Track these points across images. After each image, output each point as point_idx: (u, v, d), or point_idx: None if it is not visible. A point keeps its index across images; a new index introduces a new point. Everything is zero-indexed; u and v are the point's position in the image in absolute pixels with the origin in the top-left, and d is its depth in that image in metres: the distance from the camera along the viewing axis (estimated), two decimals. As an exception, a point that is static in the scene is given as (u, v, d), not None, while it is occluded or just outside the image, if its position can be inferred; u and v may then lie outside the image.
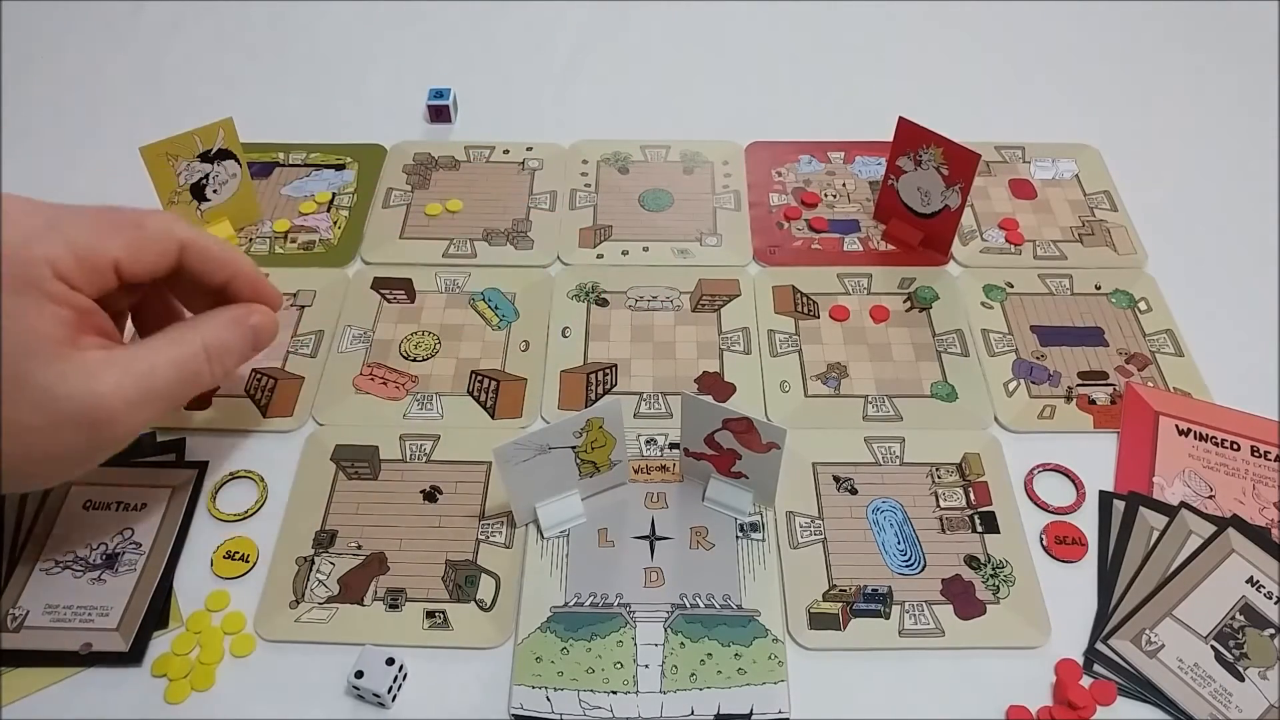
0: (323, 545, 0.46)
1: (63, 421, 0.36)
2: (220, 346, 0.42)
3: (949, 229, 0.58)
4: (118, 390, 0.37)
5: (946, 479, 0.49)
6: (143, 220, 0.40)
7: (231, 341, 0.43)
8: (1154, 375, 0.53)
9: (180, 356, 0.40)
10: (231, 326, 0.43)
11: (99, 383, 0.36)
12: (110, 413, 0.37)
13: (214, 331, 0.42)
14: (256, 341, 0.44)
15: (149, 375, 0.38)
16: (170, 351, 0.40)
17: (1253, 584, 0.44)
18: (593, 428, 0.44)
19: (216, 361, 0.42)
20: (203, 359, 0.41)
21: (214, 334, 0.42)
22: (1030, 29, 0.77)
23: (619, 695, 0.41)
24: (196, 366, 0.41)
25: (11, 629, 0.43)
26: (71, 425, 0.36)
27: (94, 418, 0.36)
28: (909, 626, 0.44)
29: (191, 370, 0.40)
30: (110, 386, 0.37)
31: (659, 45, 0.76)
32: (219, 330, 0.42)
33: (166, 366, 0.39)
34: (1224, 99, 0.71)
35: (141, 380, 0.38)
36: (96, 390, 0.36)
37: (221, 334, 0.42)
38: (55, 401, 0.36)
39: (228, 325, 0.43)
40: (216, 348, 0.42)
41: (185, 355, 0.40)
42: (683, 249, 0.60)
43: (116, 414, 0.37)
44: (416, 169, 0.65)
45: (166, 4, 0.79)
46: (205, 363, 0.41)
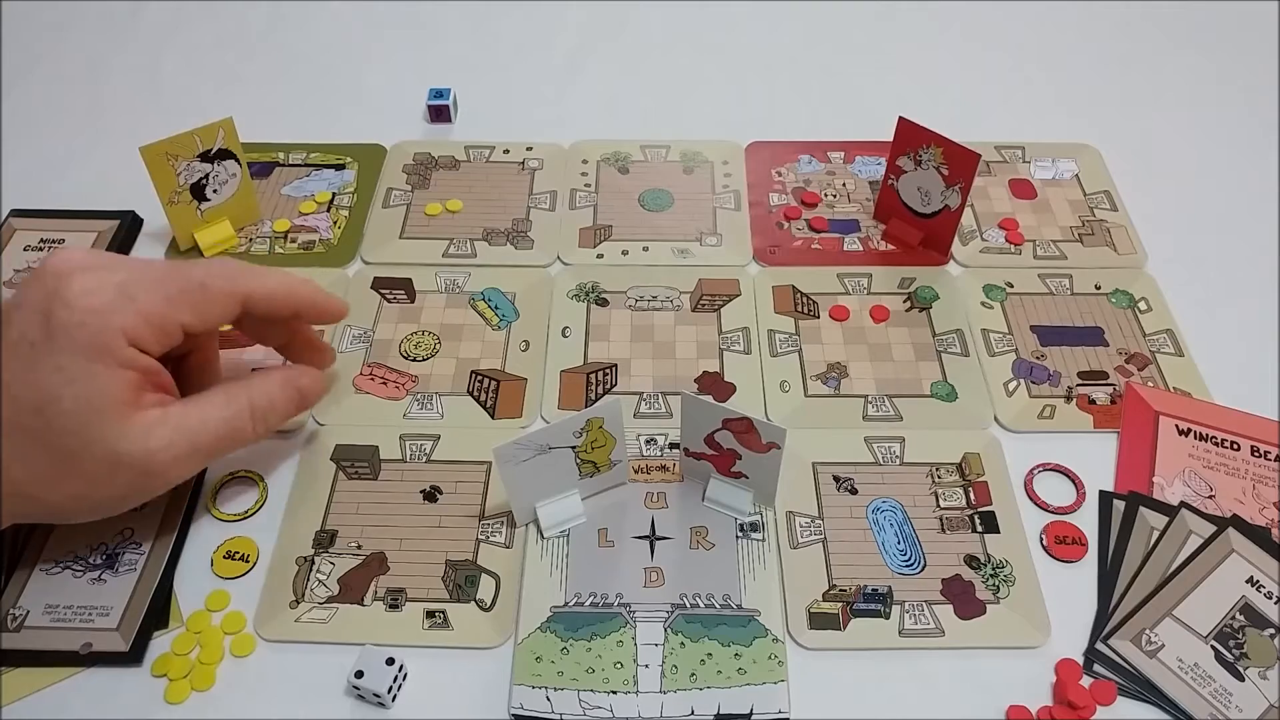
0: (323, 545, 0.46)
1: (119, 471, 0.40)
2: (266, 407, 0.44)
3: (949, 229, 0.58)
4: (169, 448, 0.41)
5: (946, 479, 0.49)
6: (206, 281, 0.42)
7: (278, 402, 0.45)
8: (1154, 375, 0.53)
9: (227, 416, 0.43)
10: (280, 388, 0.45)
11: (153, 440, 0.40)
12: (161, 466, 0.41)
13: (262, 392, 0.44)
14: (303, 402, 0.47)
15: (197, 434, 0.42)
16: (218, 412, 0.43)
17: (1253, 584, 0.44)
18: (593, 428, 0.44)
19: (260, 421, 0.44)
20: (247, 418, 0.44)
21: (262, 394, 0.44)
22: (1030, 29, 0.77)
23: (619, 695, 0.41)
24: (240, 424, 0.43)
25: (11, 629, 0.43)
26: (126, 474, 0.40)
27: (146, 469, 0.40)
28: (909, 626, 0.44)
29: (235, 428, 0.43)
30: (163, 444, 0.40)
31: (659, 45, 0.76)
32: (267, 391, 0.45)
33: (214, 425, 0.42)
34: (1224, 99, 0.71)
35: (190, 438, 0.41)
36: (150, 448, 0.40)
37: (269, 394, 0.45)
38: (116, 455, 0.39)
39: (278, 386, 0.45)
40: (263, 408, 0.44)
41: (231, 415, 0.43)
42: (683, 249, 0.60)
43: (166, 468, 0.41)
44: (416, 169, 0.65)
45: (166, 4, 0.79)
46: (249, 421, 0.44)
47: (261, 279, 0.44)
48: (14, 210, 0.62)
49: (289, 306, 0.45)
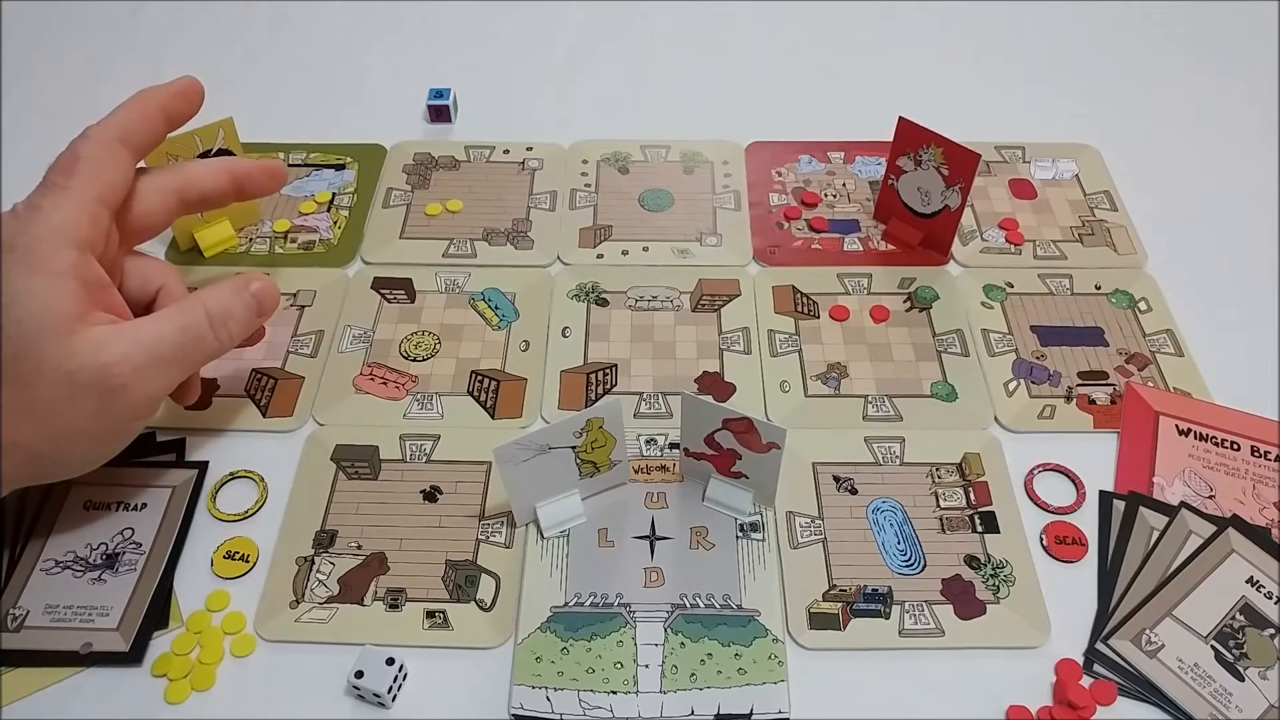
0: (323, 545, 0.46)
1: (78, 393, 0.39)
2: (222, 311, 0.44)
3: (949, 229, 0.58)
4: (125, 359, 0.40)
5: (946, 479, 0.49)
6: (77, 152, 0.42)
7: (234, 307, 0.44)
8: (1154, 375, 0.53)
9: (184, 323, 0.42)
10: (234, 294, 0.45)
11: (107, 353, 0.39)
12: (121, 379, 0.40)
13: (216, 298, 0.44)
14: (260, 308, 0.46)
15: (155, 343, 0.41)
16: (174, 320, 0.42)
17: (1253, 584, 0.44)
18: (593, 428, 0.44)
19: (220, 326, 0.44)
20: (205, 324, 0.43)
21: (216, 300, 0.44)
22: (1030, 29, 0.77)
23: (619, 695, 0.41)
24: (200, 331, 0.43)
25: (11, 629, 0.43)
26: (86, 395, 0.39)
27: (106, 385, 0.39)
28: (909, 626, 0.44)
29: (195, 334, 0.43)
30: (118, 356, 0.39)
31: (659, 45, 0.76)
32: (221, 297, 0.44)
33: (171, 333, 0.42)
34: (1224, 99, 0.71)
35: (148, 348, 0.41)
36: (104, 361, 0.39)
37: (223, 300, 0.44)
38: (70, 375, 0.39)
39: (230, 293, 0.45)
40: (219, 313, 0.44)
41: (188, 322, 0.42)
42: (683, 249, 0.60)
43: (127, 380, 0.40)
44: (416, 169, 0.65)
45: (166, 4, 0.79)
46: (209, 327, 0.43)
47: (116, 115, 0.44)
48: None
49: (156, 117, 0.45)
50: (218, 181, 0.47)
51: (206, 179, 0.47)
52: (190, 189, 0.47)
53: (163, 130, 0.46)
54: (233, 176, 0.48)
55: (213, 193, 0.48)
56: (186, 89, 0.47)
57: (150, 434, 0.50)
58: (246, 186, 0.49)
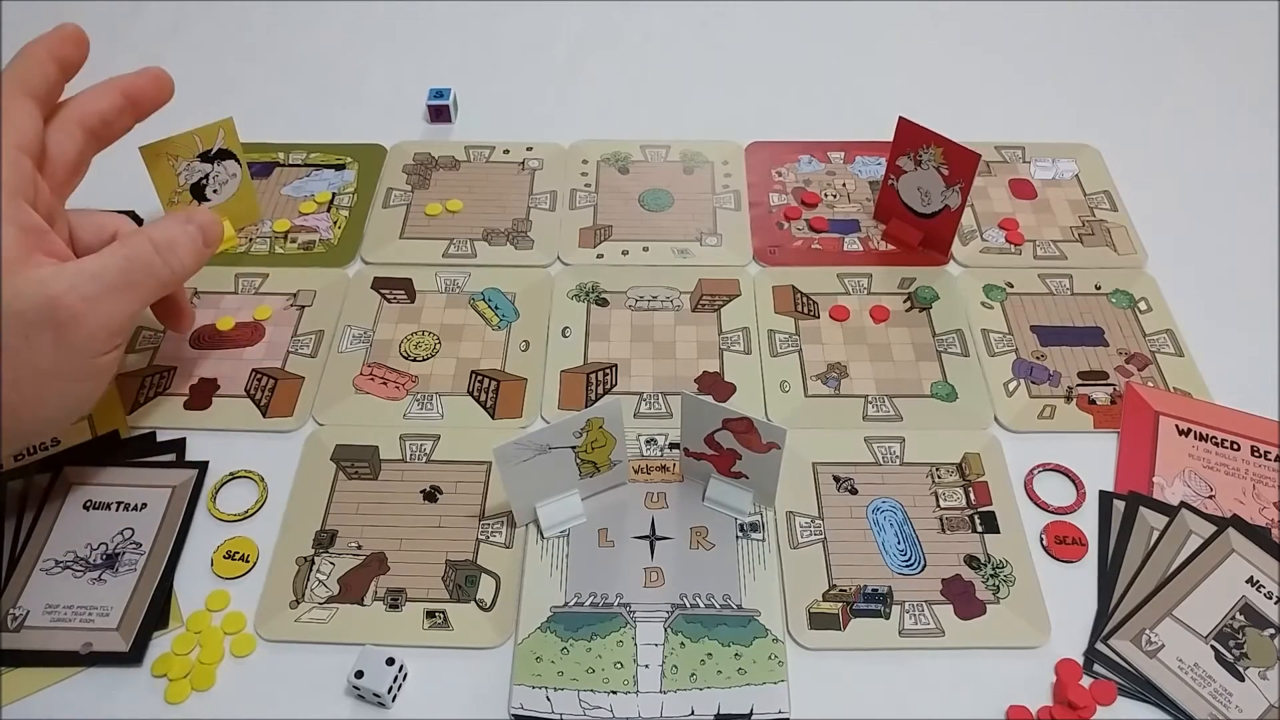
0: (323, 545, 0.46)
1: (31, 330, 0.39)
2: (167, 240, 0.44)
3: (949, 229, 0.58)
4: (72, 289, 0.40)
5: (946, 479, 0.49)
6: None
7: (177, 235, 0.45)
8: (1154, 375, 0.53)
9: (128, 252, 0.43)
10: (176, 224, 0.46)
11: (51, 287, 0.40)
12: (70, 309, 0.40)
13: (159, 228, 0.45)
14: (205, 237, 0.47)
15: (101, 272, 0.41)
16: (118, 250, 0.43)
17: (1253, 584, 0.44)
18: (593, 428, 0.44)
19: (167, 252, 0.44)
20: (151, 250, 0.43)
21: (159, 230, 0.45)
22: (1030, 29, 0.77)
23: (619, 695, 0.41)
24: (146, 258, 0.43)
25: (11, 629, 0.43)
26: (39, 331, 0.40)
27: (57, 318, 0.40)
28: (909, 626, 0.44)
29: (142, 262, 0.43)
30: (64, 287, 0.40)
31: (659, 45, 0.76)
32: (164, 227, 0.45)
33: (116, 262, 0.42)
34: (1224, 99, 0.71)
35: (94, 276, 0.41)
36: (50, 293, 0.39)
37: (167, 229, 0.45)
38: (19, 315, 0.39)
39: (173, 223, 0.46)
40: (164, 241, 0.44)
41: (132, 250, 0.43)
42: (683, 249, 0.60)
43: (77, 309, 0.40)
44: (416, 169, 0.65)
45: (166, 4, 0.79)
46: (154, 254, 0.44)
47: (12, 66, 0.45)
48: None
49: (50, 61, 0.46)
50: (109, 99, 0.47)
51: (97, 100, 0.47)
52: (89, 116, 0.47)
53: (58, 76, 0.46)
54: (120, 91, 0.48)
55: (110, 111, 0.47)
56: (68, 34, 0.48)
57: (150, 434, 0.50)
58: (139, 99, 0.48)
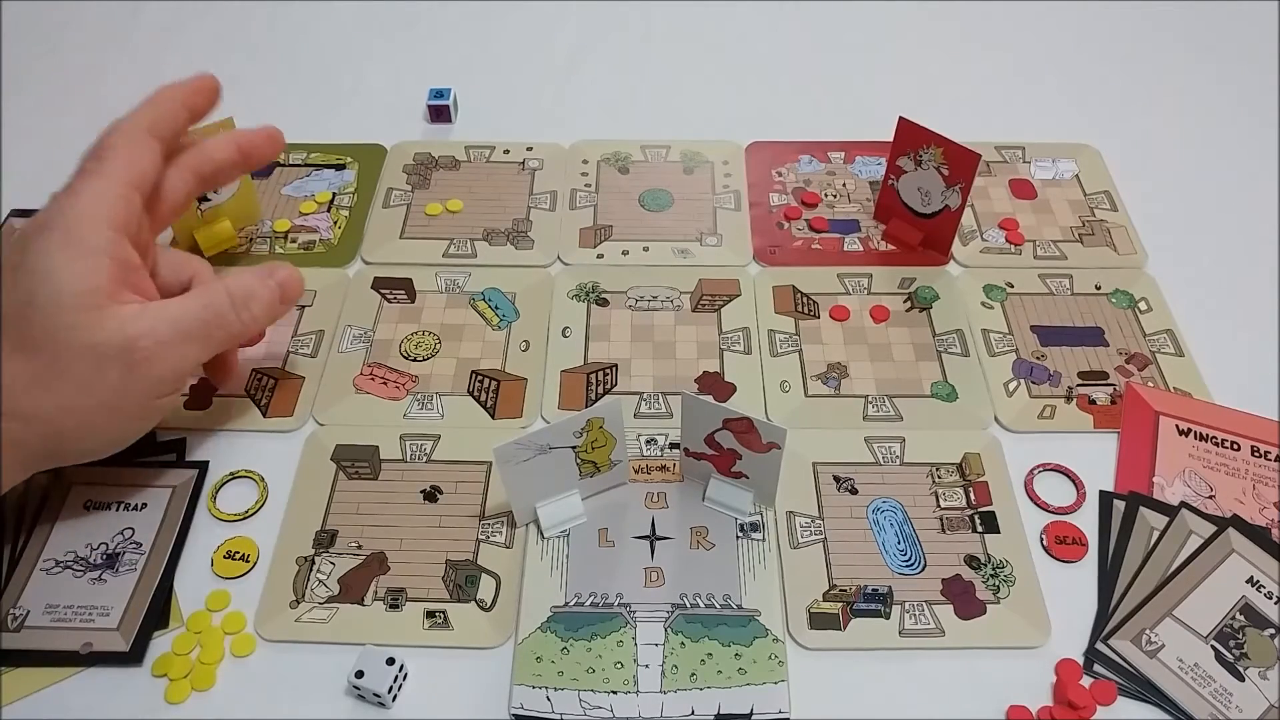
0: (323, 545, 0.46)
1: (103, 364, 0.41)
2: (245, 293, 0.45)
3: (949, 229, 0.58)
4: (150, 333, 0.41)
5: (946, 479, 0.49)
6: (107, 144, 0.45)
7: (257, 290, 0.46)
8: (1154, 375, 0.53)
9: (206, 301, 0.44)
10: (258, 278, 0.46)
11: (132, 327, 0.41)
12: (145, 352, 0.41)
13: (239, 280, 0.46)
14: (284, 294, 0.47)
15: (179, 318, 0.43)
16: (197, 298, 0.44)
17: (1253, 584, 0.44)
18: (593, 428, 0.44)
19: (242, 307, 0.45)
20: (227, 302, 0.45)
21: (239, 282, 0.45)
22: (1030, 29, 0.77)
23: (619, 695, 0.41)
24: (221, 308, 0.44)
25: (11, 629, 0.43)
26: (111, 366, 0.41)
27: (131, 358, 0.41)
28: (909, 626, 0.44)
29: (217, 311, 0.44)
30: (143, 329, 0.41)
31: (659, 45, 0.76)
32: (244, 279, 0.46)
33: (194, 309, 0.44)
34: (1224, 99, 0.71)
35: (172, 323, 0.42)
36: (129, 333, 0.41)
37: (247, 283, 0.46)
38: (95, 347, 0.40)
39: (254, 277, 0.46)
40: (241, 294, 0.45)
41: (210, 300, 0.44)
42: (683, 249, 0.60)
43: (151, 353, 0.41)
44: (416, 169, 0.65)
45: (166, 4, 0.79)
46: (230, 306, 0.45)
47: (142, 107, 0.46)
48: (14, 210, 0.62)
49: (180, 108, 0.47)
50: (227, 152, 0.49)
51: (218, 151, 0.49)
52: (205, 164, 0.48)
53: (185, 122, 0.48)
54: (238, 146, 0.49)
55: (224, 164, 0.49)
56: (204, 84, 0.49)
57: (150, 434, 0.50)
58: (252, 155, 0.50)
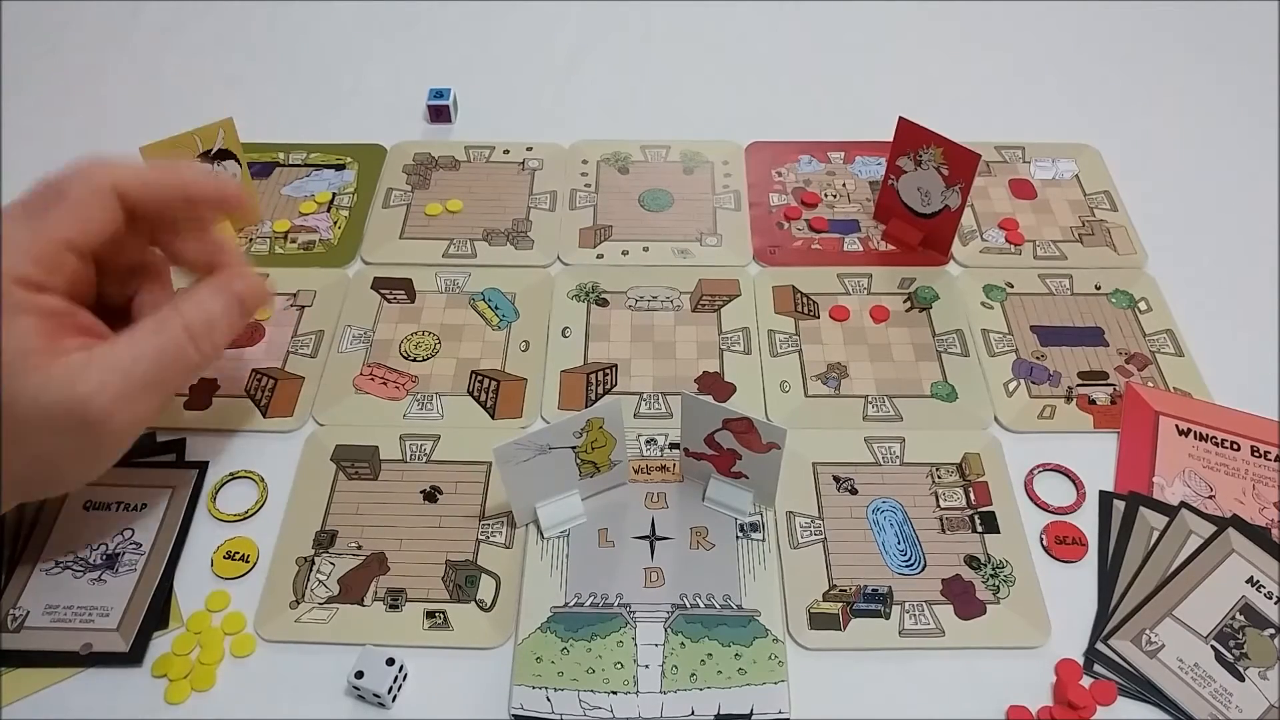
0: (323, 545, 0.46)
1: (56, 428, 0.36)
2: (204, 323, 0.40)
3: (949, 229, 0.58)
4: (102, 389, 0.37)
5: (946, 479, 0.49)
6: (64, 188, 0.38)
7: (215, 314, 0.41)
8: (1154, 375, 0.53)
9: (161, 344, 0.39)
10: (214, 297, 0.41)
11: (81, 385, 0.36)
12: (100, 412, 0.37)
13: (195, 309, 0.40)
14: (244, 309, 0.43)
15: (132, 368, 0.38)
16: (151, 340, 0.39)
17: (1253, 584, 0.44)
18: (593, 428, 0.44)
19: (203, 339, 0.40)
20: (185, 341, 0.40)
21: (195, 312, 0.40)
22: (1030, 29, 0.77)
23: (619, 695, 0.41)
24: (179, 351, 0.40)
25: (11, 629, 0.43)
26: (65, 430, 0.37)
27: (84, 419, 0.37)
28: (909, 626, 0.44)
29: (174, 356, 0.39)
30: (94, 387, 0.36)
31: (659, 45, 0.76)
32: (201, 305, 0.41)
33: (150, 356, 0.38)
34: (1224, 99, 0.71)
35: (125, 375, 0.37)
36: (80, 393, 0.36)
37: (205, 308, 0.41)
38: (44, 410, 0.36)
39: (210, 297, 0.41)
40: (200, 325, 0.40)
41: (166, 340, 0.39)
42: (683, 249, 0.60)
43: (106, 411, 0.37)
44: (416, 169, 0.65)
45: (166, 4, 0.79)
46: (190, 344, 0.40)
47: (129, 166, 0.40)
48: (14, 210, 0.62)
49: (176, 193, 0.41)
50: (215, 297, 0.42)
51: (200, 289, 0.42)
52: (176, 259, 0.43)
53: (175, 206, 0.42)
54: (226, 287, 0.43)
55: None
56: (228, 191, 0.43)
57: (150, 434, 0.50)
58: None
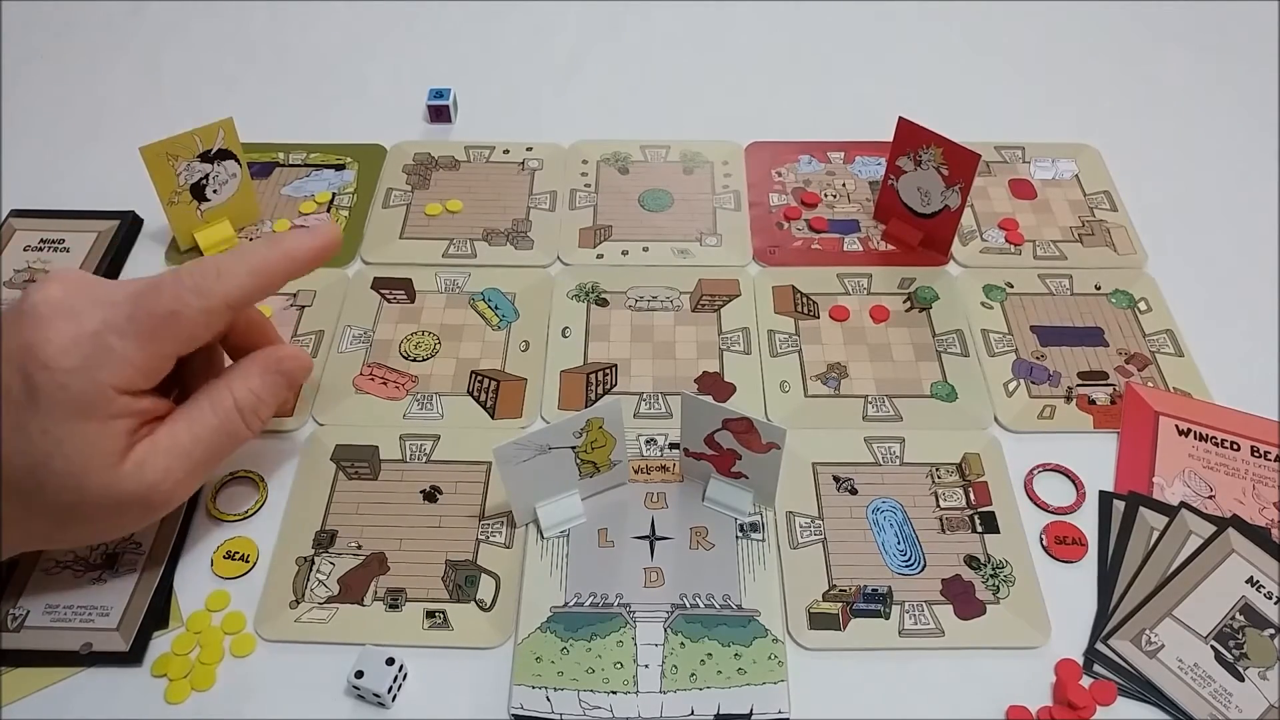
0: (323, 545, 0.46)
1: (123, 510, 0.40)
2: (254, 403, 0.43)
3: (949, 229, 0.58)
4: (168, 475, 0.40)
5: (946, 479, 0.49)
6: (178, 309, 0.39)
7: (263, 393, 0.43)
8: (1154, 375, 0.53)
9: (217, 424, 0.42)
10: (261, 376, 0.44)
11: (149, 474, 0.39)
12: (165, 495, 0.40)
13: (245, 388, 0.43)
14: (290, 383, 0.45)
15: (192, 452, 0.41)
16: (209, 422, 0.41)
17: (1253, 584, 0.44)
18: (593, 428, 0.44)
19: (253, 417, 0.43)
20: (238, 420, 0.42)
21: (245, 391, 0.43)
22: (1031, 29, 0.77)
23: (619, 695, 0.41)
24: (233, 429, 0.42)
25: (11, 629, 0.43)
26: (132, 513, 0.40)
27: (150, 502, 0.40)
28: (909, 626, 0.44)
29: (229, 433, 0.42)
30: (160, 474, 0.40)
31: (659, 45, 0.76)
32: (249, 385, 0.43)
33: (208, 439, 0.41)
34: (1224, 99, 0.71)
35: (187, 458, 0.41)
36: (149, 481, 0.39)
37: (253, 387, 0.43)
38: (115, 500, 0.39)
39: (258, 375, 0.43)
40: (250, 404, 0.43)
41: (221, 422, 0.42)
42: (683, 249, 0.60)
43: (170, 494, 0.40)
44: (416, 169, 0.65)
45: (166, 4, 0.79)
46: (241, 423, 0.43)
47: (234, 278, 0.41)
48: (14, 210, 0.62)
49: (281, 279, 0.43)
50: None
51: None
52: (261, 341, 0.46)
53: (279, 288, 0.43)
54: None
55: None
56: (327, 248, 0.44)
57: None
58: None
